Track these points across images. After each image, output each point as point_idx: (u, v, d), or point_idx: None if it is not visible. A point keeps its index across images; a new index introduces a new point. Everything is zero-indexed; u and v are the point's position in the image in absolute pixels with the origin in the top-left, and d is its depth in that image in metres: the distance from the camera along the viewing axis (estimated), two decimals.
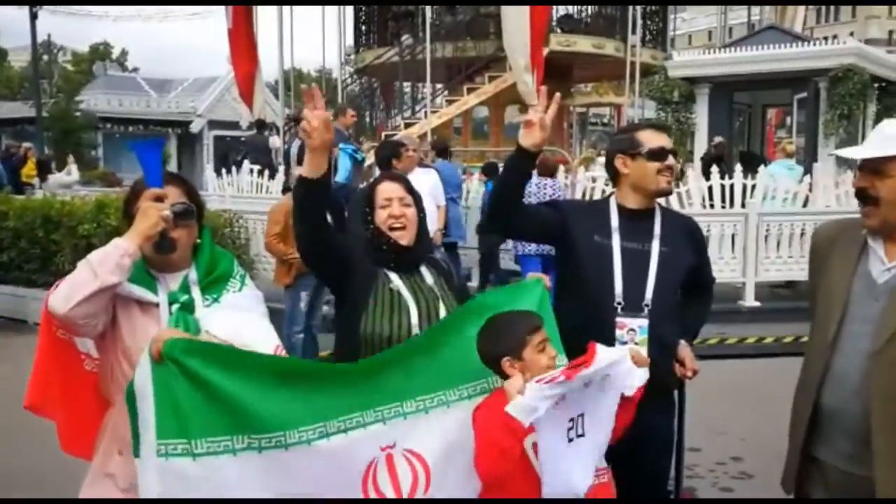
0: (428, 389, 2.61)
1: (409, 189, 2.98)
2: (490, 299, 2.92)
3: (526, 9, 13.67)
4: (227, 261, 2.80)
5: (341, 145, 10.53)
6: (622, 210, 3.09)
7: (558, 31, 18.15)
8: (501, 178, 3.07)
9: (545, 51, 14.79)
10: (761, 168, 10.30)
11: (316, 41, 21.64)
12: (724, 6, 21.25)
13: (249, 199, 12.30)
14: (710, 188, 9.75)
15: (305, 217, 2.76)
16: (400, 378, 2.58)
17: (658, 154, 3.06)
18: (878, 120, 12.42)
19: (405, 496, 2.52)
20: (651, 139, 3.08)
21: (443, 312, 2.85)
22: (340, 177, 9.17)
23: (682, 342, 3.11)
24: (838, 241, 2.55)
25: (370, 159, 10.08)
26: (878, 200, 2.33)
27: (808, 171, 10.54)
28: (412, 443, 2.56)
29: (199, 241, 2.72)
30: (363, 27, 19.83)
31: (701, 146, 12.44)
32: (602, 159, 14.47)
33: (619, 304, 2.97)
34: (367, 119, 19.57)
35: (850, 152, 2.36)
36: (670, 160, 3.06)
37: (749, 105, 13.99)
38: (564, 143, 18.96)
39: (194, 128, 33.85)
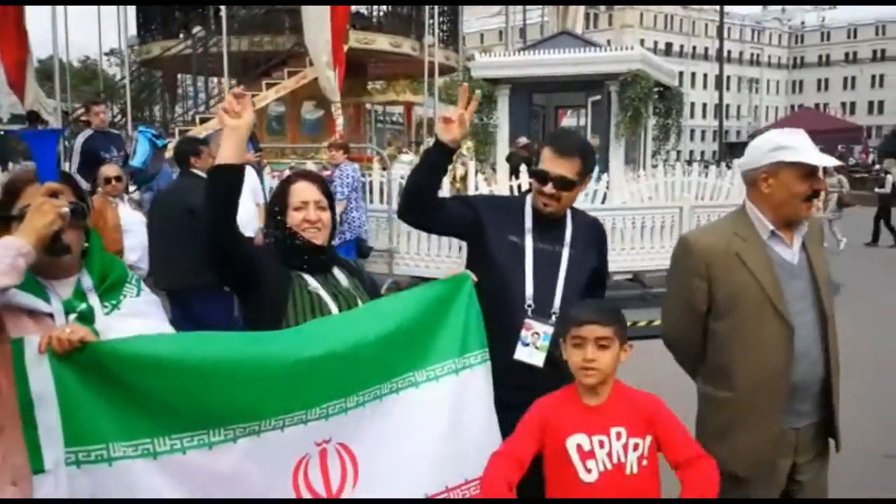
0: (366, 384, 2.58)
1: (325, 190, 2.90)
2: (420, 294, 2.92)
3: (327, 6, 13.55)
4: (119, 265, 2.62)
5: (140, 128, 9.92)
6: (537, 212, 3.12)
7: (350, 28, 18.11)
8: (419, 171, 3.03)
9: (345, 47, 14.70)
10: None
11: (92, 30, 20.27)
12: (507, 8, 22.03)
13: None
14: (519, 186, 10.12)
15: (220, 209, 2.60)
16: (345, 373, 2.51)
17: (538, 177, 3.08)
18: (657, 122, 13.49)
19: (334, 490, 2.49)
20: (544, 159, 3.08)
21: None
22: (137, 161, 8.65)
23: None
24: (732, 246, 2.84)
25: None
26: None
27: (604, 169, 11.27)
28: (344, 436, 2.53)
29: (86, 244, 2.50)
30: (147, 17, 18.71)
31: (503, 146, 12.93)
32: (404, 156, 14.64)
33: (529, 305, 3.02)
34: (157, 113, 18.56)
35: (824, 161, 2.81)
36: (548, 188, 3.02)
37: (543, 107, 14.73)
38: (362, 140, 18.96)
39: None
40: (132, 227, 7.17)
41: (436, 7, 18.04)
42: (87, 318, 2.39)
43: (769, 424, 2.80)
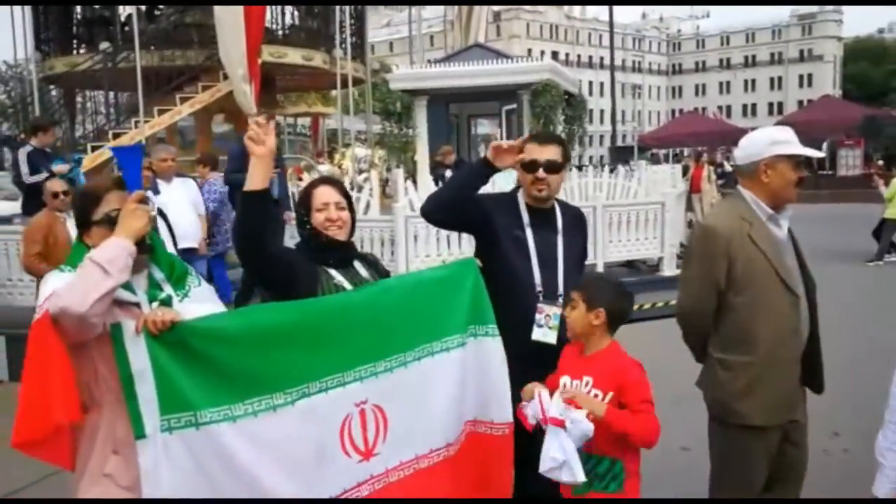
0: (393, 351, 3.02)
1: (344, 192, 3.29)
2: (432, 274, 3.39)
3: (241, 19, 13.66)
4: (179, 260, 3.03)
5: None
6: (529, 206, 3.53)
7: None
8: (463, 182, 3.46)
9: (259, 61, 14.84)
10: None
11: None
12: (409, 19, 22.49)
13: None
14: None
15: (252, 230, 2.97)
16: (373, 340, 2.95)
17: (529, 167, 3.45)
18: (564, 128, 14.26)
19: (370, 445, 2.91)
20: (530, 151, 3.47)
21: None
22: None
23: None
24: (743, 229, 3.26)
25: None
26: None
27: None
28: (378, 398, 2.95)
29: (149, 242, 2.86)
30: (47, 32, 18.25)
31: (423, 154, 13.40)
32: (322, 167, 14.92)
33: (539, 291, 3.44)
34: (60, 131, 18.11)
35: (813, 153, 3.38)
36: (540, 173, 3.43)
37: (457, 116, 15.29)
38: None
39: None
40: None
41: (347, 14, 18.29)
42: (167, 304, 2.76)
43: (788, 378, 3.30)
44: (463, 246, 10.04)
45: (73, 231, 7.15)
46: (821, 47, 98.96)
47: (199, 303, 2.83)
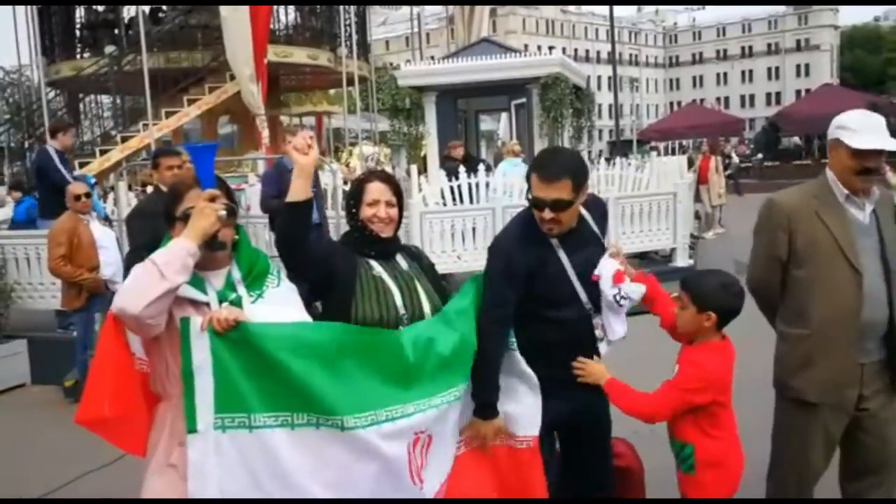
0: (449, 385, 2.99)
1: (396, 190, 3.28)
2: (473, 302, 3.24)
3: (247, 20, 13.73)
4: (263, 258, 3.01)
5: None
6: None
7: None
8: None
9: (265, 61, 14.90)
10: (500, 166, 11.49)
11: None
12: (412, 17, 22.52)
13: None
14: (458, 187, 10.60)
15: (295, 238, 2.96)
16: (431, 376, 2.93)
17: (536, 205, 3.14)
18: (572, 122, 14.27)
19: (420, 464, 2.90)
20: (534, 187, 3.14)
21: (420, 291, 3.18)
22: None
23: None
24: (811, 205, 3.30)
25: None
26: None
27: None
28: (431, 428, 2.94)
29: (236, 237, 2.87)
30: (52, 37, 18.30)
31: (433, 150, 13.42)
32: (333, 165, 14.92)
33: (589, 309, 3.28)
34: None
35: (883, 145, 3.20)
36: (546, 213, 3.08)
37: (464, 111, 15.31)
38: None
39: None
40: (105, 243, 7.32)
41: (352, 14, 18.39)
42: (236, 305, 2.75)
43: (842, 356, 3.26)
44: (477, 241, 10.05)
45: (96, 232, 7.27)
46: (817, 36, 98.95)
47: (272, 305, 2.81)
